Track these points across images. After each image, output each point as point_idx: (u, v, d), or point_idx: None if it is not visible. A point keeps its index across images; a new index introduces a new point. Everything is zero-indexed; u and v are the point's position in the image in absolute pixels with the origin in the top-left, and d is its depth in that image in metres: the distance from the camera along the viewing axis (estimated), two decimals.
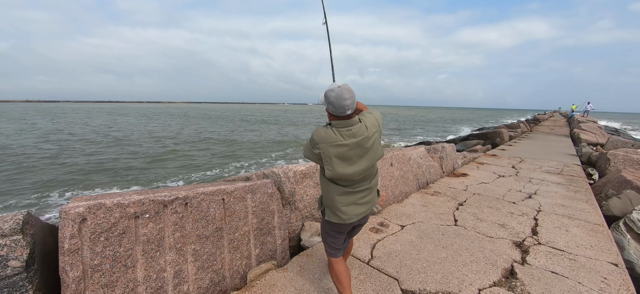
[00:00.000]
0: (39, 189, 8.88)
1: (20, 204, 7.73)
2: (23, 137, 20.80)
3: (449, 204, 3.50)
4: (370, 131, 1.44)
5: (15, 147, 16.24)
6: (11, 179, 9.90)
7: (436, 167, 5.18)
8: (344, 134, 1.39)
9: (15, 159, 13.24)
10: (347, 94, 1.37)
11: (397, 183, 3.96)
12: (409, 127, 34.86)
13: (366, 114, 1.50)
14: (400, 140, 22.04)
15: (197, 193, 1.94)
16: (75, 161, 12.81)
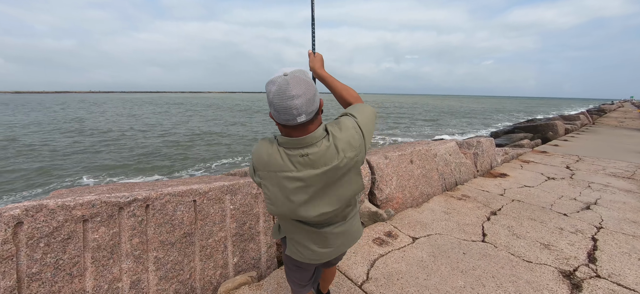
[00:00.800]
0: (53, 176, 9.70)
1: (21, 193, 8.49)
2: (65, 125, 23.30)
3: (478, 213, 2.91)
4: (342, 155, 0.89)
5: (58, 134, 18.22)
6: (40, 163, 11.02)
7: (468, 165, 4.50)
8: (295, 161, 0.88)
9: (58, 144, 14.81)
10: (296, 88, 0.81)
11: (417, 183, 3.45)
12: (446, 118, 32.48)
13: (343, 122, 0.94)
14: (435, 132, 20.55)
15: (160, 194, 1.70)
16: (122, 147, 13.92)
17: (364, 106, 1.04)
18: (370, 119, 1.01)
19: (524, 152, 6.48)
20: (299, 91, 0.81)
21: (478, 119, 31.20)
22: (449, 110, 47.13)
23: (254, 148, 0.97)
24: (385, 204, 3.09)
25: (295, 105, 0.81)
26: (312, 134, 0.87)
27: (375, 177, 3.07)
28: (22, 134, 18.30)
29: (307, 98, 0.82)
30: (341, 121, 0.95)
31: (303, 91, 0.81)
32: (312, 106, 0.84)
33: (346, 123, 0.93)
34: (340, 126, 0.93)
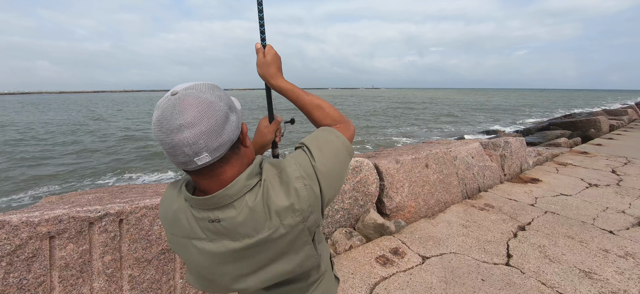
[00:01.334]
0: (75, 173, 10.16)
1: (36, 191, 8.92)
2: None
3: (503, 227, 2.55)
4: (276, 222, 0.59)
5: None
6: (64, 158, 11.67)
7: (494, 168, 4.05)
8: (204, 226, 0.61)
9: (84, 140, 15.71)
10: (187, 112, 0.53)
11: (432, 190, 3.12)
12: (472, 114, 30.73)
13: (289, 164, 0.64)
14: (459, 129, 19.44)
15: (136, 208, 1.57)
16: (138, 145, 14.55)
17: (333, 136, 0.71)
18: (340, 159, 0.68)
19: (561, 152, 5.82)
20: (192, 116, 0.52)
21: (507, 114, 29.16)
22: (475, 105, 44.60)
23: (162, 197, 0.70)
24: (394, 214, 2.81)
25: (185, 140, 0.52)
26: (225, 189, 0.58)
27: (384, 183, 2.80)
28: (58, 131, 19.74)
29: (209, 126, 0.54)
30: (287, 161, 0.64)
31: (199, 115, 0.53)
32: (217, 138, 0.55)
33: (291, 168, 0.62)
34: (281, 170, 0.62)
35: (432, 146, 4.16)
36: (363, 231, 2.46)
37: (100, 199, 1.89)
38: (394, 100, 59.44)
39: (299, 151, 0.68)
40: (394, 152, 3.93)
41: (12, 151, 13.32)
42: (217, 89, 0.59)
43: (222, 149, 0.56)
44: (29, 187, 8.53)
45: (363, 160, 2.69)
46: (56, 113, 34.87)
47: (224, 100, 0.58)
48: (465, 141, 4.57)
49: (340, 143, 0.70)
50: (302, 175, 0.61)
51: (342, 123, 0.77)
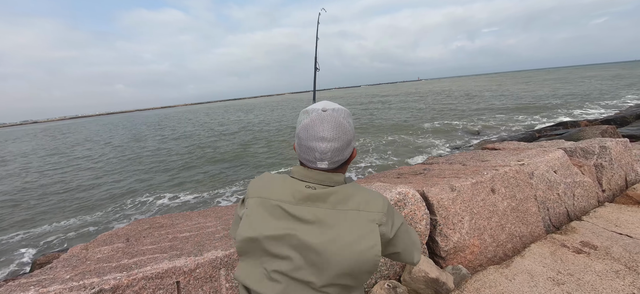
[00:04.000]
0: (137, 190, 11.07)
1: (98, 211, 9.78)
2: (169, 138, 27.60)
3: (618, 285, 1.80)
4: (352, 209, 0.74)
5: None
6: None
7: (588, 184, 3.12)
8: (297, 190, 0.75)
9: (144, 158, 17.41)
10: (329, 129, 0.74)
11: (502, 222, 2.45)
12: (534, 99, 26.32)
13: (368, 193, 0.79)
14: (515, 123, 16.77)
15: (133, 280, 1.36)
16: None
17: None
18: (410, 231, 0.89)
19: None
20: (332, 134, 0.74)
21: (587, 98, 24.33)
22: (544, 89, 38.29)
23: (253, 181, 0.85)
24: (452, 256, 2.24)
25: (321, 148, 0.74)
26: (330, 174, 0.77)
27: (436, 218, 2.25)
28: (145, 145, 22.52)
29: (338, 145, 0.75)
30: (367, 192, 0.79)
31: (336, 135, 0.74)
32: (340, 155, 0.76)
33: (377, 193, 0.80)
34: (369, 189, 0.80)
35: (496, 156, 3.39)
36: (411, 285, 1.96)
37: (116, 252, 1.77)
38: (432, 92, 55.09)
39: None
40: (448, 168, 3.28)
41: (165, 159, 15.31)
42: (350, 117, 0.80)
43: (337, 163, 0.77)
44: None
45: (407, 191, 2.19)
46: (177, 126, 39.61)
47: (353, 128, 0.79)
48: (542, 147, 3.66)
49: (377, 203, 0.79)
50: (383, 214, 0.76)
51: None
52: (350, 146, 0.77)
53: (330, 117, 0.74)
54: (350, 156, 0.80)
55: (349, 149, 0.77)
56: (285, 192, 0.75)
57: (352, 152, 0.80)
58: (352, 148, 0.79)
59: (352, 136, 0.78)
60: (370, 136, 16.20)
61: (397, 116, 24.10)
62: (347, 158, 0.78)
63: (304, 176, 0.76)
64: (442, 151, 11.69)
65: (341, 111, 0.77)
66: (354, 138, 0.79)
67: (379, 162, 11.03)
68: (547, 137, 9.06)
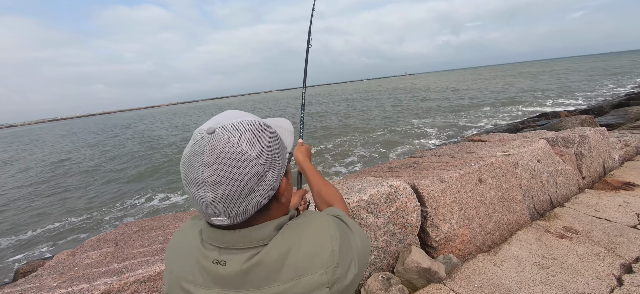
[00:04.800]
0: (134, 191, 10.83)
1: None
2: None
3: (599, 267, 1.89)
4: (291, 280, 0.49)
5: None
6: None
7: (569, 172, 3.25)
8: (205, 267, 0.52)
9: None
10: (213, 168, 0.46)
11: (489, 211, 2.52)
12: (518, 92, 27.22)
13: (320, 222, 0.56)
14: (500, 116, 17.29)
15: (124, 284, 1.33)
16: None
17: (355, 225, 0.64)
18: (366, 248, 0.62)
19: None
20: (215, 175, 0.46)
21: (563, 87, 25.32)
22: (522, 80, 39.57)
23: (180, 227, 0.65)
24: (443, 246, 2.29)
25: (203, 198, 0.48)
26: (245, 231, 0.52)
27: (427, 210, 2.29)
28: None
29: (231, 190, 0.47)
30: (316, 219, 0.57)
31: (224, 176, 0.46)
32: (242, 204, 0.48)
33: (322, 226, 0.56)
34: (310, 227, 0.55)
35: (482, 148, 3.48)
36: (404, 275, 2.00)
37: (105, 256, 1.72)
38: (417, 89, 55.98)
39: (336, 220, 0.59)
40: (436, 160, 3.35)
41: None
42: (261, 134, 0.52)
43: (245, 214, 0.50)
44: None
45: (398, 184, 2.22)
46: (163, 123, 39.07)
47: (266, 151, 0.51)
48: (525, 137, 3.77)
49: (360, 232, 0.64)
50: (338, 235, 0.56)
51: (346, 212, 0.78)
52: (262, 184, 0.49)
53: (216, 145, 0.47)
54: (277, 193, 0.54)
55: (259, 189, 0.49)
56: (191, 266, 0.54)
57: (277, 187, 0.53)
58: (268, 184, 0.51)
59: (262, 167, 0.49)
60: (359, 131, 16.31)
61: (386, 111, 24.35)
62: (263, 203, 0.51)
63: (211, 238, 0.53)
64: (431, 143, 11.90)
65: (242, 128, 0.49)
66: (272, 167, 0.51)
67: (368, 156, 11.13)
68: (530, 128, 9.38)
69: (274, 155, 0.52)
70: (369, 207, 2.05)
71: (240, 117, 0.51)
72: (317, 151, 12.69)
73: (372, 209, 2.07)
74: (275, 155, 0.53)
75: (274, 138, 0.54)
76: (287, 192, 0.58)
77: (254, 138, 0.49)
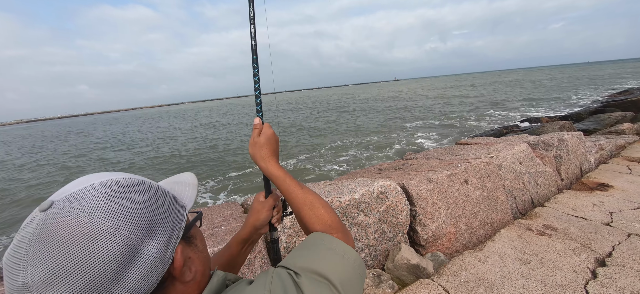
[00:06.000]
0: None
1: None
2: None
3: (575, 261, 2.01)
4: None
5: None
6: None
7: (548, 174, 3.42)
8: None
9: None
10: (36, 263, 0.31)
11: (475, 210, 2.63)
12: (502, 98, 28.27)
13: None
14: (486, 121, 17.88)
15: None
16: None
17: (339, 254, 0.50)
18: (357, 279, 0.50)
19: (627, 143, 4.92)
20: (49, 269, 0.31)
21: (547, 97, 26.45)
22: (506, 87, 41.10)
23: None
24: (431, 244, 2.37)
25: None
26: None
27: (416, 209, 2.37)
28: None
29: (79, 286, 0.31)
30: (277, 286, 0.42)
31: (65, 267, 0.31)
32: None
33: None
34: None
35: (469, 151, 3.62)
36: (394, 272, 2.07)
37: None
38: (405, 92, 57.07)
39: (278, 277, 0.45)
40: (425, 162, 3.45)
41: None
42: (128, 194, 0.37)
43: None
44: None
45: (389, 184, 2.29)
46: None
47: (137, 215, 0.36)
48: (509, 142, 3.94)
49: (348, 265, 0.49)
50: None
51: (340, 231, 0.58)
52: (137, 264, 0.35)
53: (46, 228, 0.33)
54: (171, 270, 0.40)
55: (132, 274, 0.35)
56: None
57: (165, 264, 0.38)
58: (152, 261, 0.36)
59: (139, 235, 0.36)
60: (352, 135, 16.47)
61: (378, 117, 24.68)
62: (148, 290, 0.36)
63: None
64: (420, 147, 12.15)
65: (97, 192, 0.36)
66: (152, 237, 0.37)
67: (360, 159, 11.25)
68: (514, 132, 9.74)
69: (154, 218, 0.38)
70: (361, 206, 2.11)
71: (97, 179, 0.37)
72: (308, 157, 12.71)
73: (363, 208, 2.13)
74: (158, 217, 0.38)
75: (155, 196, 0.40)
76: (193, 265, 0.43)
77: (112, 202, 0.35)
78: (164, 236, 0.38)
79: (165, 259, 0.38)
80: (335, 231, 0.57)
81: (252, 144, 0.69)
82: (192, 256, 0.43)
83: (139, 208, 0.37)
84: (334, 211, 0.62)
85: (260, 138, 0.68)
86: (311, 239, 0.54)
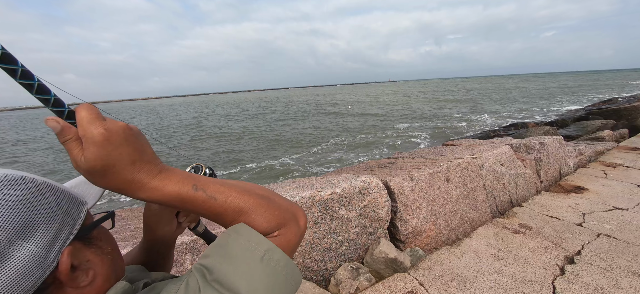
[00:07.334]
0: None
1: None
2: None
3: (546, 258, 2.09)
4: None
5: None
6: None
7: (528, 176, 3.53)
8: None
9: None
10: None
11: (455, 208, 2.69)
12: (492, 103, 28.86)
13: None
14: (474, 124, 18.22)
15: None
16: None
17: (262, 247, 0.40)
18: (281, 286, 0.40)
19: (606, 149, 5.10)
20: None
21: (534, 102, 27.10)
22: (497, 92, 41.97)
23: None
24: (411, 240, 2.42)
25: None
26: None
27: (397, 205, 2.42)
28: None
29: None
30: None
31: None
32: None
33: None
34: None
35: (453, 157, 3.69)
36: (372, 265, 2.11)
37: None
38: (401, 94, 57.61)
39: (186, 287, 0.37)
40: (410, 161, 3.51)
41: None
42: (1, 191, 0.32)
43: None
44: None
45: (371, 180, 2.33)
46: None
47: (8, 213, 0.32)
48: (492, 144, 4.04)
49: (269, 270, 0.39)
50: None
51: (284, 225, 0.44)
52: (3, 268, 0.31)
53: None
54: (55, 275, 0.36)
55: None
56: None
57: (45, 268, 0.34)
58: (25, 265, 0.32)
59: (7, 235, 0.32)
60: (344, 134, 16.53)
61: (372, 117, 24.82)
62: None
63: None
64: (408, 146, 12.30)
65: None
66: (28, 235, 0.33)
67: (348, 158, 11.32)
68: (500, 136, 9.96)
69: (31, 218, 0.34)
70: (342, 200, 2.14)
71: None
72: (298, 158, 12.70)
73: (345, 203, 2.16)
74: (37, 217, 0.34)
75: (37, 194, 0.35)
76: (91, 269, 0.39)
77: None
78: (45, 237, 0.34)
79: (45, 263, 0.34)
80: (275, 230, 0.43)
81: (85, 173, 0.36)
82: (91, 259, 0.39)
83: (10, 207, 0.32)
84: (272, 205, 0.44)
85: (90, 155, 0.35)
86: (226, 234, 0.42)
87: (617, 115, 9.35)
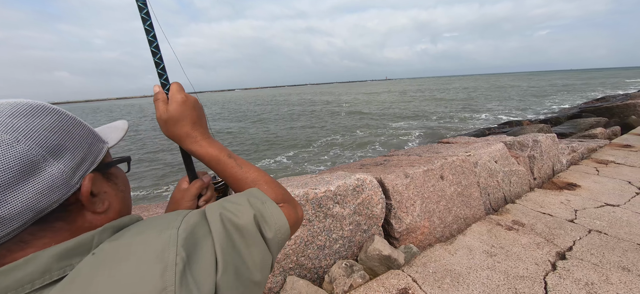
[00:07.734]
0: None
1: None
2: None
3: (538, 254, 2.11)
4: None
5: None
6: None
7: (522, 173, 3.55)
8: None
9: None
10: None
11: (449, 205, 2.71)
12: (488, 101, 29.08)
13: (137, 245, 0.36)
14: (470, 122, 18.35)
15: None
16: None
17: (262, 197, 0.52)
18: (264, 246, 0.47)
19: (598, 146, 5.16)
20: None
21: (527, 100, 27.36)
22: (493, 90, 42.30)
23: None
24: (405, 237, 2.43)
25: None
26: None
27: (391, 203, 2.42)
28: None
29: None
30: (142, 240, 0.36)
31: None
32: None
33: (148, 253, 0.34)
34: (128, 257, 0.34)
35: (447, 154, 3.71)
36: (366, 263, 2.11)
37: None
38: (398, 92, 57.82)
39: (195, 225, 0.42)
40: (405, 158, 3.52)
41: None
42: (32, 115, 0.37)
43: (9, 225, 0.33)
44: None
45: (365, 177, 2.33)
46: None
47: (40, 134, 0.37)
48: (487, 141, 4.07)
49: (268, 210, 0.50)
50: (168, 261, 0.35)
51: (287, 202, 0.57)
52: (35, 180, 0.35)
53: None
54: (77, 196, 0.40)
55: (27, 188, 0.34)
56: None
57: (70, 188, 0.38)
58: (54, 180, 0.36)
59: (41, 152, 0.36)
60: (339, 132, 16.54)
61: (367, 116, 24.86)
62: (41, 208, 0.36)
63: None
64: (403, 144, 12.35)
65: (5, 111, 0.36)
66: (59, 155, 0.38)
67: (344, 156, 11.34)
68: (495, 133, 10.04)
69: (62, 142, 0.38)
70: (336, 198, 2.14)
71: (8, 100, 0.38)
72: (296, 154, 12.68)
73: (339, 200, 2.15)
74: (66, 143, 0.39)
75: (67, 124, 0.41)
76: (107, 199, 0.43)
77: (16, 118, 0.35)
78: (72, 161, 0.39)
79: (70, 183, 0.39)
80: (280, 203, 0.54)
81: (163, 122, 0.55)
82: (108, 192, 0.45)
83: (45, 130, 0.38)
84: (279, 185, 0.58)
85: (172, 109, 0.54)
86: (243, 192, 0.53)
87: (609, 113, 9.46)
